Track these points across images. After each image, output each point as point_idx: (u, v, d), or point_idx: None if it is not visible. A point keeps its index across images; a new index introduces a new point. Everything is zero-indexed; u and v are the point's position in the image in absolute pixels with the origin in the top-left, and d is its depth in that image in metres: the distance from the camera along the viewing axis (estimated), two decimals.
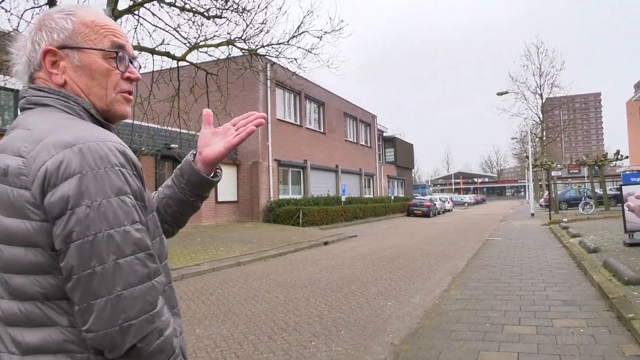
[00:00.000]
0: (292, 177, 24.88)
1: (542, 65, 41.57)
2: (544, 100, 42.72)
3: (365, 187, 33.55)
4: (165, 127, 11.77)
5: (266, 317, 5.82)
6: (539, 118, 43.38)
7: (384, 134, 41.01)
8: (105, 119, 1.15)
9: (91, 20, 1.12)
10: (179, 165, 1.35)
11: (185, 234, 14.43)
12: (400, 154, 42.82)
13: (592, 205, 24.38)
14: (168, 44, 15.05)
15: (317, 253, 12.55)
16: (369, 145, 35.73)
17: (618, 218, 18.21)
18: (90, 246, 0.93)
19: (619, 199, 31.03)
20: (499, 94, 30.77)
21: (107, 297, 0.93)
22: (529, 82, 46.80)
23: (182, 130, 11.79)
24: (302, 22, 11.38)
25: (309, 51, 11.68)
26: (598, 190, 27.18)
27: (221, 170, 1.39)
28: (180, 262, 9.91)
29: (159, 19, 10.72)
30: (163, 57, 10.84)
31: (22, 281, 0.98)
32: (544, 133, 44.60)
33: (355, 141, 32.82)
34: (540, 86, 42.17)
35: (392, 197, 35.26)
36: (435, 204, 34.18)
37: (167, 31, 10.76)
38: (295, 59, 11.69)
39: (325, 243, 14.80)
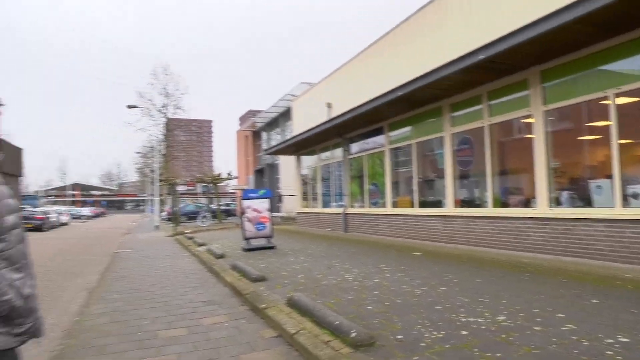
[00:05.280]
0: None
1: (167, 87, 43.79)
2: (166, 119, 44.87)
3: None
4: None
5: None
6: (163, 135, 45.33)
7: None
8: None
9: None
10: None
11: None
12: (7, 158, 36.36)
13: (208, 218, 27.33)
14: None
15: None
16: None
17: (230, 229, 21.25)
18: None
19: (228, 212, 35.98)
20: (130, 106, 30.55)
21: None
22: (155, 100, 48.49)
23: None
24: None
25: None
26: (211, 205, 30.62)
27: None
28: None
29: None
30: None
31: None
32: (168, 150, 46.85)
33: None
34: (166, 106, 44.28)
35: None
36: (49, 217, 30.59)
37: None
38: None
39: None
